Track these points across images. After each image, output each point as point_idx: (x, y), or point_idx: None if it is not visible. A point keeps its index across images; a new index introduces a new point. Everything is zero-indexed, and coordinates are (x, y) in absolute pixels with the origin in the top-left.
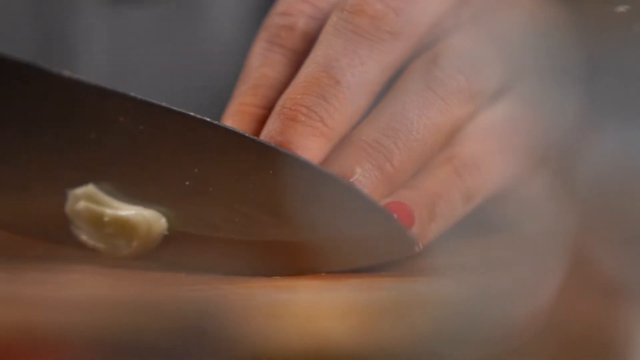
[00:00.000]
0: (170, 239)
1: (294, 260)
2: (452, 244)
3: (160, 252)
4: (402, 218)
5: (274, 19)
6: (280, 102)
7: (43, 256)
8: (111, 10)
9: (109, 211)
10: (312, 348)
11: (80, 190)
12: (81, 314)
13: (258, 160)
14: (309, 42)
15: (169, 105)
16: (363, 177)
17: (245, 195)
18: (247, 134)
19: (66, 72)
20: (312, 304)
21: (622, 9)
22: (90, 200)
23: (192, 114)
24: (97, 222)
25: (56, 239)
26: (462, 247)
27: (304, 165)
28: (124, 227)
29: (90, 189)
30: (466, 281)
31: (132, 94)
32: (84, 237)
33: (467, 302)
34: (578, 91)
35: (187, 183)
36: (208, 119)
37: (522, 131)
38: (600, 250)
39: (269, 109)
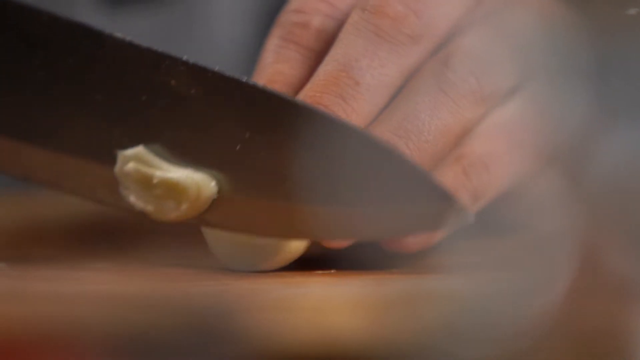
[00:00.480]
0: (219, 202)
1: (341, 227)
2: (461, 242)
3: (208, 216)
4: None
5: (288, 16)
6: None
7: (54, 255)
8: (110, 14)
9: (158, 173)
10: (321, 343)
11: (130, 152)
12: (92, 310)
13: (308, 127)
14: (324, 40)
15: (221, 70)
16: None
17: (294, 161)
18: (299, 101)
19: (119, 35)
20: (322, 299)
21: (633, 11)
22: (140, 161)
23: (244, 79)
24: (146, 183)
25: (105, 200)
26: (472, 246)
27: (354, 132)
28: (173, 190)
29: (140, 150)
30: (476, 279)
31: (185, 57)
32: (132, 199)
33: (476, 300)
34: (588, 91)
35: (237, 147)
36: (260, 85)
37: (531, 130)
38: (610, 249)
39: None
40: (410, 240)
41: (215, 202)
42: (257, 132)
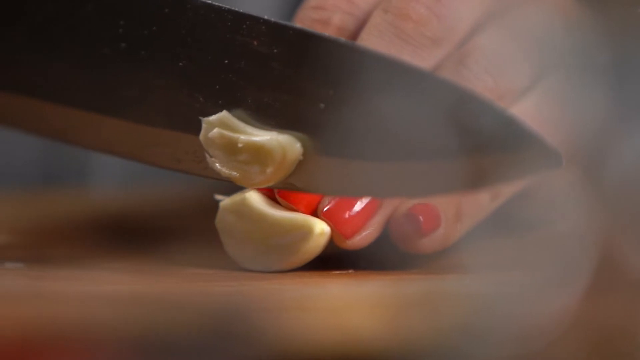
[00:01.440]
0: (304, 164)
1: (434, 182)
2: (479, 242)
3: (293, 179)
4: (428, 219)
5: (308, 12)
6: None
7: (72, 255)
8: None
9: (243, 137)
10: (339, 343)
11: (214, 117)
12: (109, 311)
13: (395, 81)
14: (346, 38)
15: (302, 28)
16: None
17: (382, 117)
18: (384, 54)
19: None
20: (340, 300)
21: None
22: (224, 126)
23: (326, 35)
24: (231, 148)
25: (190, 170)
26: (490, 246)
27: (442, 84)
28: (258, 153)
29: (224, 115)
30: (493, 279)
31: (266, 17)
32: (217, 166)
33: (494, 300)
34: (604, 89)
35: (321, 106)
36: (343, 40)
37: (548, 127)
38: (627, 247)
39: None
40: (426, 242)
41: (301, 164)
42: (341, 89)
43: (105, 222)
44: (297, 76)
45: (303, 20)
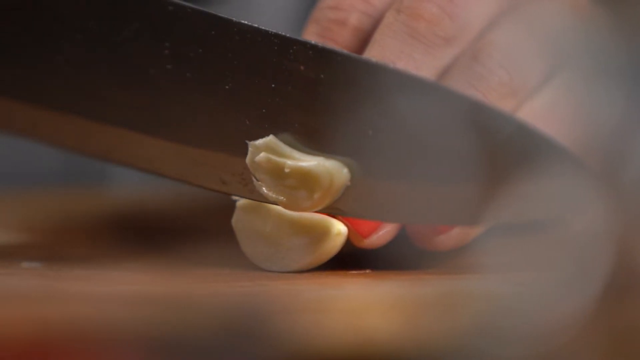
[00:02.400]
0: (351, 190)
1: (486, 209)
2: (496, 241)
3: (340, 204)
4: None
5: (325, 12)
6: None
7: (88, 254)
8: None
9: (289, 162)
10: (356, 344)
11: (260, 142)
12: (126, 311)
13: (442, 107)
14: (360, 38)
15: (349, 53)
16: None
17: (429, 141)
18: (430, 80)
19: (245, 21)
20: (357, 300)
21: None
22: (271, 151)
23: (374, 60)
24: (277, 173)
25: (236, 191)
26: (506, 245)
27: (490, 111)
28: (305, 179)
29: (270, 139)
30: (510, 279)
31: (313, 42)
32: (264, 190)
33: (511, 300)
34: (619, 86)
35: (369, 132)
36: (391, 65)
37: (564, 123)
38: None
39: None
40: (443, 239)
41: (348, 190)
42: (388, 115)
43: (123, 222)
44: (345, 102)
45: (319, 21)
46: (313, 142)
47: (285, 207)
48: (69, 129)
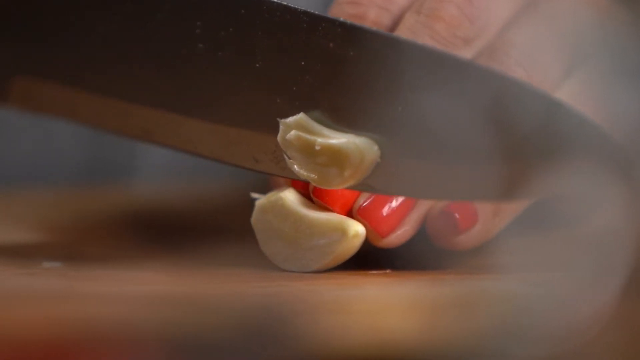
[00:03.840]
0: (382, 166)
1: (518, 185)
2: (516, 241)
3: (371, 181)
4: (465, 216)
5: (343, 7)
6: None
7: (109, 254)
8: None
9: (320, 140)
10: (376, 344)
11: (291, 119)
12: (147, 311)
13: (473, 84)
14: None
15: (378, 30)
16: None
17: (458, 120)
18: (461, 57)
19: None
20: (377, 301)
21: None
22: (302, 128)
23: (402, 37)
24: (308, 151)
25: (268, 169)
26: (527, 245)
27: (523, 88)
28: (335, 156)
29: (301, 117)
30: (530, 279)
31: (342, 19)
32: (295, 167)
33: (531, 300)
34: (637, 81)
35: (399, 108)
36: (419, 43)
37: None
38: None
39: None
40: (463, 238)
41: (379, 167)
42: (418, 91)
43: (144, 220)
44: (374, 78)
45: (338, 15)
46: (343, 120)
47: (316, 184)
48: (107, 110)
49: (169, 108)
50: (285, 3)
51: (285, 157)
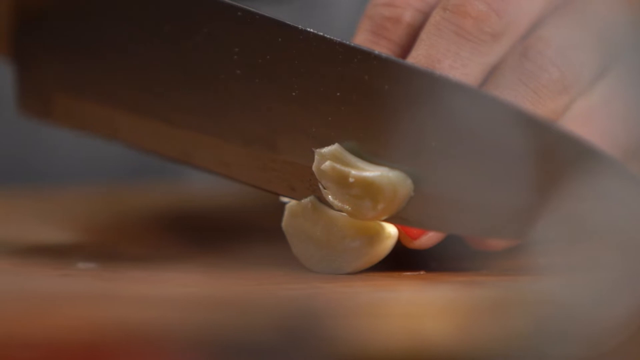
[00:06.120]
0: (416, 200)
1: (539, 224)
2: (551, 242)
3: (405, 214)
4: None
5: (379, 9)
6: None
7: (144, 255)
8: None
9: (354, 172)
10: (411, 347)
11: (326, 150)
12: (180, 313)
13: (504, 122)
14: (414, 36)
15: (414, 64)
16: None
17: (492, 156)
18: (493, 94)
19: (311, 29)
20: (412, 303)
21: None
22: (336, 159)
23: (437, 73)
24: (342, 182)
25: (304, 197)
26: (561, 246)
27: (554, 130)
28: (369, 189)
29: (336, 148)
30: (566, 281)
31: (377, 52)
32: (330, 198)
33: (567, 302)
34: None
35: (433, 143)
36: (453, 79)
37: (618, 119)
38: None
39: None
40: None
41: (412, 200)
42: (451, 127)
43: (178, 222)
44: (409, 112)
45: (373, 17)
46: (377, 152)
47: (351, 215)
48: (146, 131)
49: (207, 132)
50: (322, 34)
51: (320, 186)
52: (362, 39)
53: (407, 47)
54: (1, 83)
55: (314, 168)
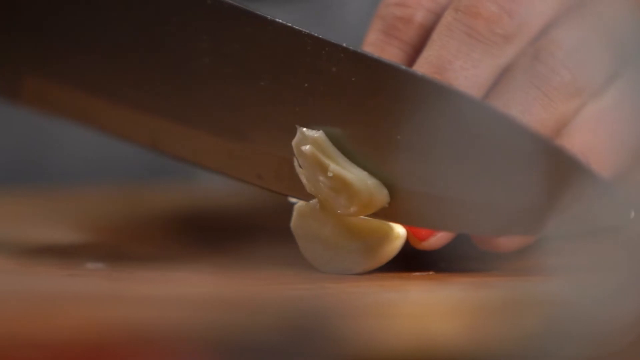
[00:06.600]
0: (389, 207)
1: (509, 222)
2: (560, 243)
3: (377, 215)
4: None
5: (390, 9)
6: None
7: (152, 255)
8: None
9: (333, 166)
10: (419, 347)
11: (310, 133)
12: (189, 313)
13: (475, 118)
14: (426, 37)
15: (380, 57)
16: None
17: (466, 154)
18: (465, 92)
19: (280, 20)
20: (421, 303)
21: None
22: (318, 147)
23: (403, 66)
24: (320, 170)
25: (272, 187)
26: (570, 246)
27: (528, 135)
28: (346, 188)
29: (320, 136)
30: (576, 281)
31: (345, 44)
32: (303, 179)
33: (576, 302)
34: None
35: (398, 137)
36: (420, 73)
37: (625, 125)
38: None
39: None
40: (505, 240)
41: (385, 208)
42: (419, 122)
43: (186, 222)
44: (376, 106)
45: (385, 17)
46: (345, 144)
47: (320, 205)
48: (115, 116)
49: (174, 119)
50: (290, 24)
51: (295, 162)
52: (373, 39)
53: (418, 47)
54: None
55: (293, 143)
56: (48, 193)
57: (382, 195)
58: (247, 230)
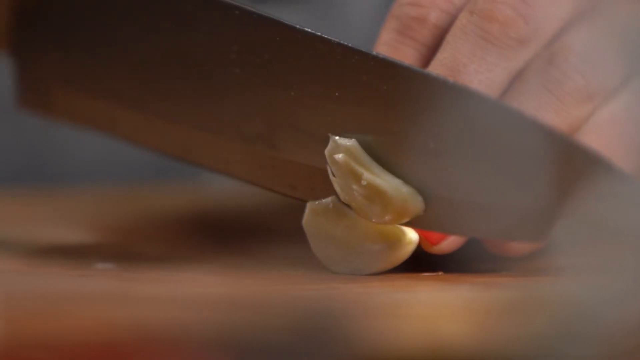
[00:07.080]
0: (424, 217)
1: (537, 228)
2: (571, 244)
3: (412, 224)
4: None
5: (404, 9)
6: None
7: (163, 255)
8: None
9: (367, 175)
10: (429, 348)
11: (342, 141)
12: (199, 313)
13: (504, 124)
14: (438, 36)
15: (411, 65)
16: None
17: (499, 159)
18: (493, 98)
19: (309, 29)
20: (431, 304)
21: None
22: (351, 156)
23: (434, 74)
24: (353, 179)
25: (305, 197)
26: (581, 247)
27: (547, 131)
28: (380, 197)
29: (353, 145)
30: (585, 281)
31: (375, 52)
32: (336, 187)
33: (586, 303)
34: None
35: (431, 145)
36: (452, 81)
37: (638, 129)
38: None
39: None
40: (516, 244)
41: (420, 217)
42: (456, 132)
43: (196, 222)
44: (409, 115)
45: (399, 17)
46: (382, 156)
47: (356, 213)
48: (146, 127)
49: (206, 129)
50: (319, 33)
51: (329, 170)
52: (387, 39)
53: (432, 48)
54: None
55: (326, 152)
56: (58, 194)
57: (416, 203)
58: (256, 230)
